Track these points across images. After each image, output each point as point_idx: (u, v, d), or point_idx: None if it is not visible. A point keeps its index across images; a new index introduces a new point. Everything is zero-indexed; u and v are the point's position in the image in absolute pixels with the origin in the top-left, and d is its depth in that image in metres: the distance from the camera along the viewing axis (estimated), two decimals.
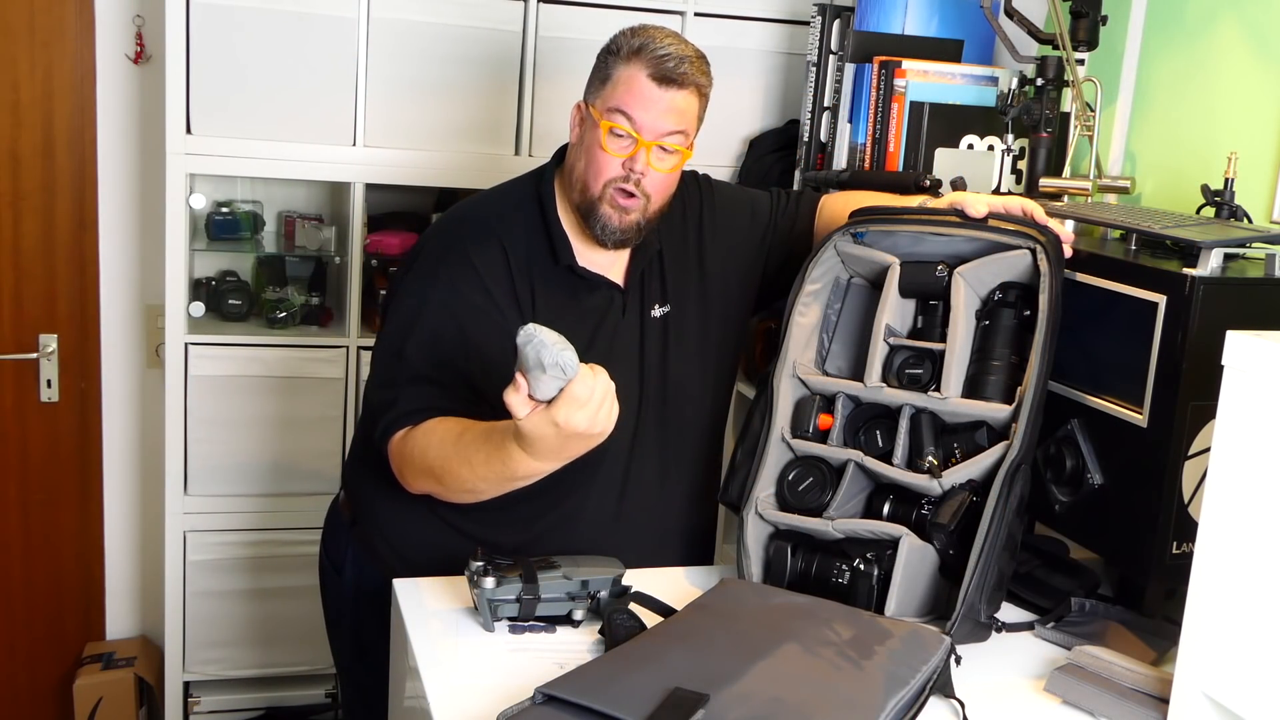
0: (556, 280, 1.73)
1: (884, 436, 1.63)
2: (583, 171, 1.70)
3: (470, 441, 1.54)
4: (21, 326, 2.86)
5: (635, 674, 1.25)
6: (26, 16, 2.73)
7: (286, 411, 2.67)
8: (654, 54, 1.64)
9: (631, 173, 1.66)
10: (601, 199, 1.68)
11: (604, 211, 1.69)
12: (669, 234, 1.80)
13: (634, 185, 1.67)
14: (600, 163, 1.67)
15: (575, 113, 1.74)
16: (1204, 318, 1.44)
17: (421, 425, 1.61)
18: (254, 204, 2.83)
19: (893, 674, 1.30)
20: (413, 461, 1.61)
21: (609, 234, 1.70)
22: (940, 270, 1.63)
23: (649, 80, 1.64)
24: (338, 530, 1.92)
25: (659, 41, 1.65)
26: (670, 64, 1.64)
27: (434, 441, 1.59)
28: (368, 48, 2.53)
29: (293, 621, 2.71)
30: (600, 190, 1.68)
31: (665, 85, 1.64)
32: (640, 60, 1.65)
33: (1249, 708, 1.19)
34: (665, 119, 1.65)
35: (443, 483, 1.60)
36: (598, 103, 1.68)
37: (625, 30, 1.70)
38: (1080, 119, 2.00)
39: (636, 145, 1.65)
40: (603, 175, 1.67)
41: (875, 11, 2.42)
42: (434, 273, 1.70)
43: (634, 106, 1.64)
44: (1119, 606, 1.65)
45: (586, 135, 1.70)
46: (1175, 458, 1.47)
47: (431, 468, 1.59)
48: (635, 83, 1.64)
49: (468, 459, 1.54)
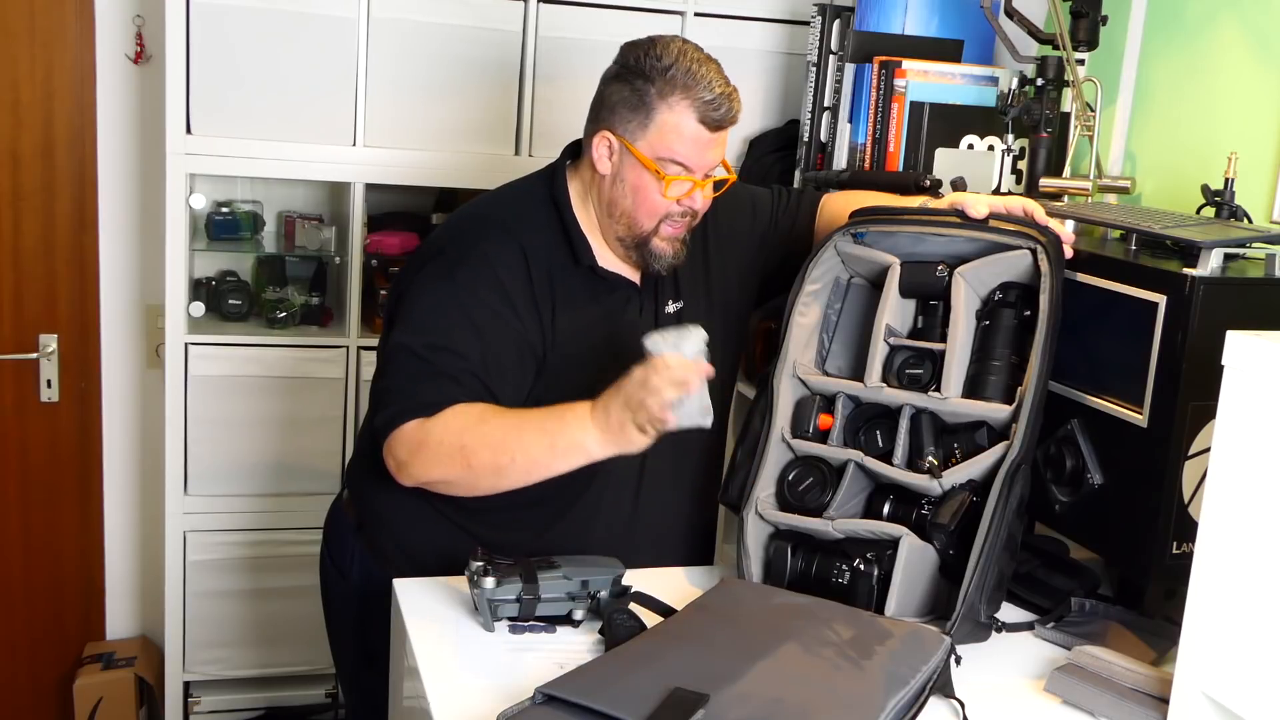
0: (576, 281, 1.73)
1: (884, 436, 1.63)
2: (630, 209, 1.69)
3: (523, 413, 1.59)
4: (21, 326, 2.86)
5: (635, 674, 1.25)
6: (26, 16, 2.73)
7: (286, 411, 2.67)
8: (701, 98, 1.63)
9: (690, 209, 1.69)
10: (655, 233, 1.70)
11: (657, 245, 1.71)
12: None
13: (689, 216, 1.70)
14: (655, 204, 1.68)
15: (603, 143, 1.69)
16: (1204, 318, 1.44)
17: (443, 412, 1.59)
18: (254, 204, 2.83)
19: (893, 674, 1.30)
20: (435, 444, 1.58)
21: (662, 263, 1.73)
22: (940, 270, 1.63)
23: (701, 127, 1.64)
24: (342, 533, 1.90)
25: (700, 79, 1.63)
26: (721, 110, 1.64)
27: (469, 420, 1.58)
28: (368, 48, 2.53)
29: (293, 621, 2.71)
30: (655, 226, 1.70)
31: (716, 129, 1.66)
32: (688, 104, 1.63)
33: (1249, 708, 1.19)
34: (715, 156, 1.69)
35: (470, 461, 1.57)
36: (642, 145, 1.65)
37: (648, 50, 1.65)
38: (1080, 119, 2.00)
39: (693, 186, 1.67)
40: (658, 214, 1.69)
41: (875, 11, 2.42)
42: (451, 274, 1.68)
43: (689, 155, 1.65)
44: (1119, 606, 1.65)
45: (630, 174, 1.68)
46: (1175, 458, 1.47)
47: (464, 446, 1.57)
48: (685, 129, 1.64)
49: (518, 428, 1.57)
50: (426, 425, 1.59)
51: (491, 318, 1.66)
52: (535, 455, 1.57)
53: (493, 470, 1.58)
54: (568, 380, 1.71)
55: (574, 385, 1.71)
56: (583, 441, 1.55)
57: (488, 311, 1.66)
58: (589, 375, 1.71)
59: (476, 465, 1.58)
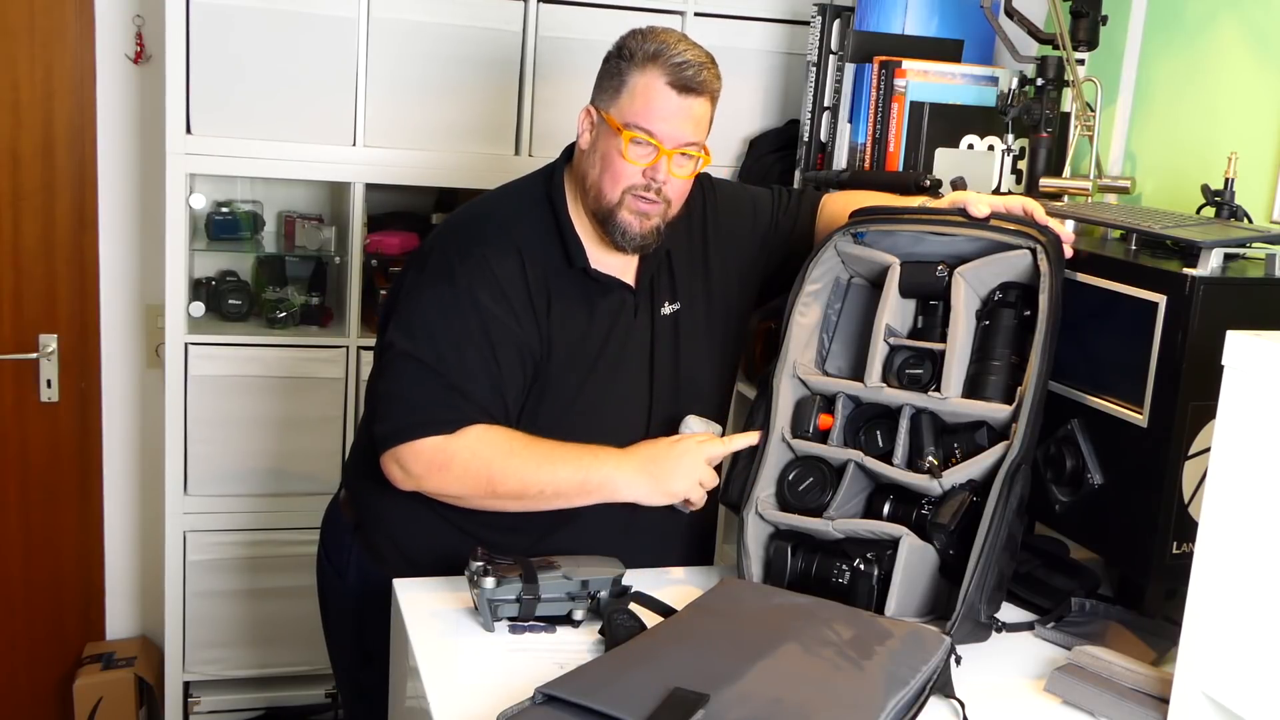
0: (571, 283, 1.73)
1: (884, 436, 1.63)
2: (598, 178, 1.68)
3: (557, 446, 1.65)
4: (21, 326, 2.86)
5: (635, 674, 1.25)
6: (26, 16, 2.73)
7: (286, 411, 2.66)
8: (671, 61, 1.63)
9: (653, 181, 1.66)
10: (620, 205, 1.67)
11: (623, 218, 1.68)
12: (675, 233, 1.80)
13: (654, 193, 1.67)
14: (619, 170, 1.66)
15: (585, 117, 1.71)
16: (1204, 318, 1.44)
17: (466, 433, 1.62)
18: (254, 204, 2.82)
19: (893, 674, 1.30)
20: (460, 467, 1.62)
21: (629, 240, 1.70)
22: (940, 270, 1.63)
23: (668, 88, 1.63)
24: (339, 533, 1.90)
25: (675, 48, 1.64)
26: (689, 72, 1.63)
27: (498, 450, 1.62)
28: (368, 48, 2.53)
29: (293, 621, 2.70)
30: (619, 197, 1.67)
31: (685, 94, 1.64)
32: (657, 67, 1.63)
33: (1249, 708, 1.19)
34: (685, 128, 1.65)
35: (496, 489, 1.63)
36: (614, 111, 1.66)
37: (635, 33, 1.68)
38: (1080, 119, 2.00)
39: (658, 154, 1.65)
40: (621, 182, 1.66)
41: (875, 11, 2.42)
42: (451, 276, 1.68)
43: (655, 118, 1.63)
44: (1119, 606, 1.65)
45: (602, 142, 1.68)
46: (1175, 458, 1.47)
47: (491, 475, 1.62)
48: (654, 91, 1.63)
49: (549, 460, 1.62)
50: (450, 448, 1.62)
51: (492, 321, 1.66)
52: (563, 488, 1.64)
53: (516, 496, 1.64)
54: (564, 382, 1.71)
55: (569, 388, 1.71)
56: (614, 480, 1.64)
57: (488, 315, 1.66)
58: (584, 377, 1.72)
59: (501, 492, 1.63)
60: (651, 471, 1.63)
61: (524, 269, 1.69)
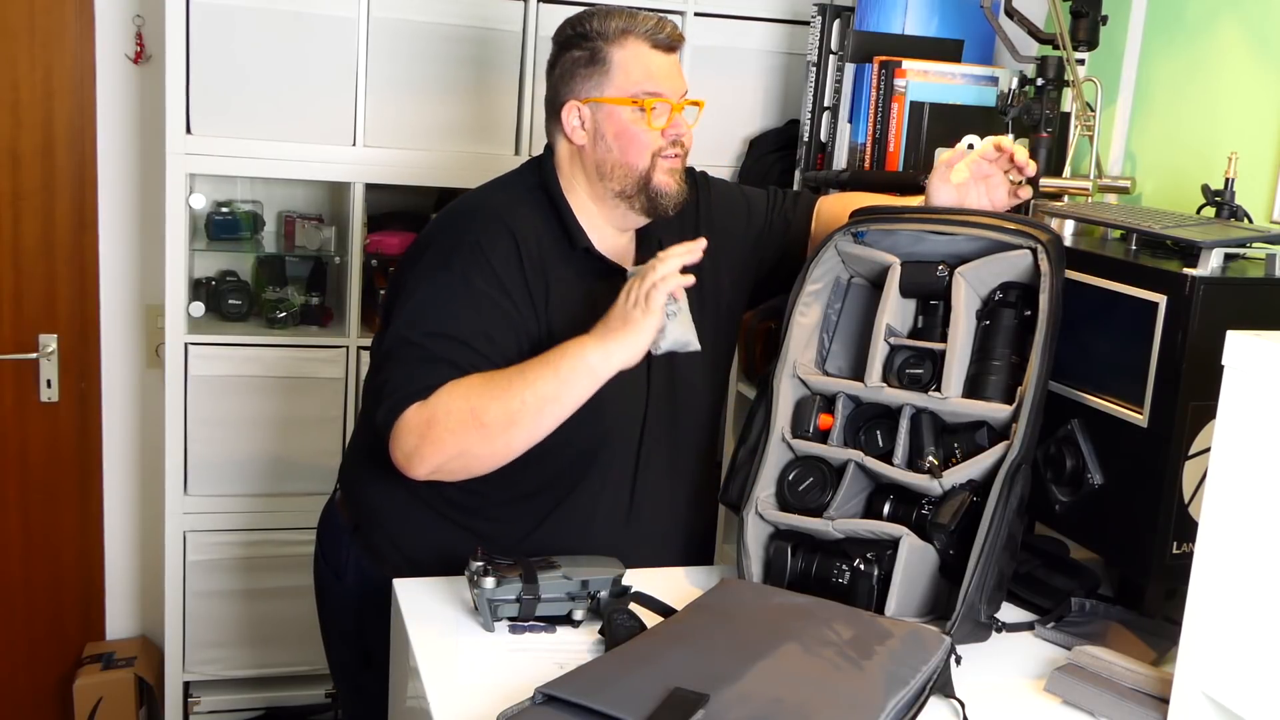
0: (570, 267, 1.73)
1: (884, 436, 1.63)
2: (620, 157, 1.71)
3: (523, 363, 1.60)
4: (21, 326, 2.86)
5: (635, 674, 1.25)
6: (26, 16, 2.73)
7: (286, 411, 2.66)
8: (643, 28, 1.71)
9: (676, 136, 1.72)
10: (654, 169, 1.72)
11: (659, 180, 1.72)
12: (669, 228, 1.80)
13: (678, 147, 1.73)
14: (643, 140, 1.70)
15: (573, 115, 1.72)
16: (1204, 318, 1.44)
17: (438, 390, 1.58)
18: (254, 204, 2.83)
19: (893, 674, 1.30)
20: (443, 416, 1.56)
21: (669, 200, 1.74)
22: (941, 270, 1.63)
23: (654, 51, 1.71)
24: (337, 534, 1.89)
25: (636, 16, 1.72)
26: (665, 31, 1.72)
27: (470, 385, 1.58)
28: (368, 48, 2.53)
29: (292, 621, 2.71)
30: (649, 162, 1.71)
31: (668, 51, 1.73)
32: (635, 37, 1.70)
33: (1249, 708, 1.19)
34: (679, 81, 1.74)
35: (483, 420, 1.56)
36: (610, 91, 1.70)
37: (581, 19, 1.73)
38: (1080, 119, 2.00)
39: (672, 109, 1.71)
40: (648, 148, 1.71)
41: (875, 11, 2.42)
42: (447, 263, 1.68)
43: (656, 79, 1.70)
44: (1119, 606, 1.65)
45: (608, 126, 1.71)
46: (1175, 458, 1.47)
47: (472, 408, 1.56)
48: (644, 56, 1.70)
49: (519, 372, 1.58)
50: (429, 405, 1.57)
51: (488, 304, 1.66)
52: (543, 390, 1.56)
53: (506, 420, 1.56)
54: None
55: None
56: (586, 358, 1.57)
57: (484, 298, 1.66)
58: None
59: (490, 421, 1.56)
60: (609, 335, 1.58)
61: (520, 254, 1.69)
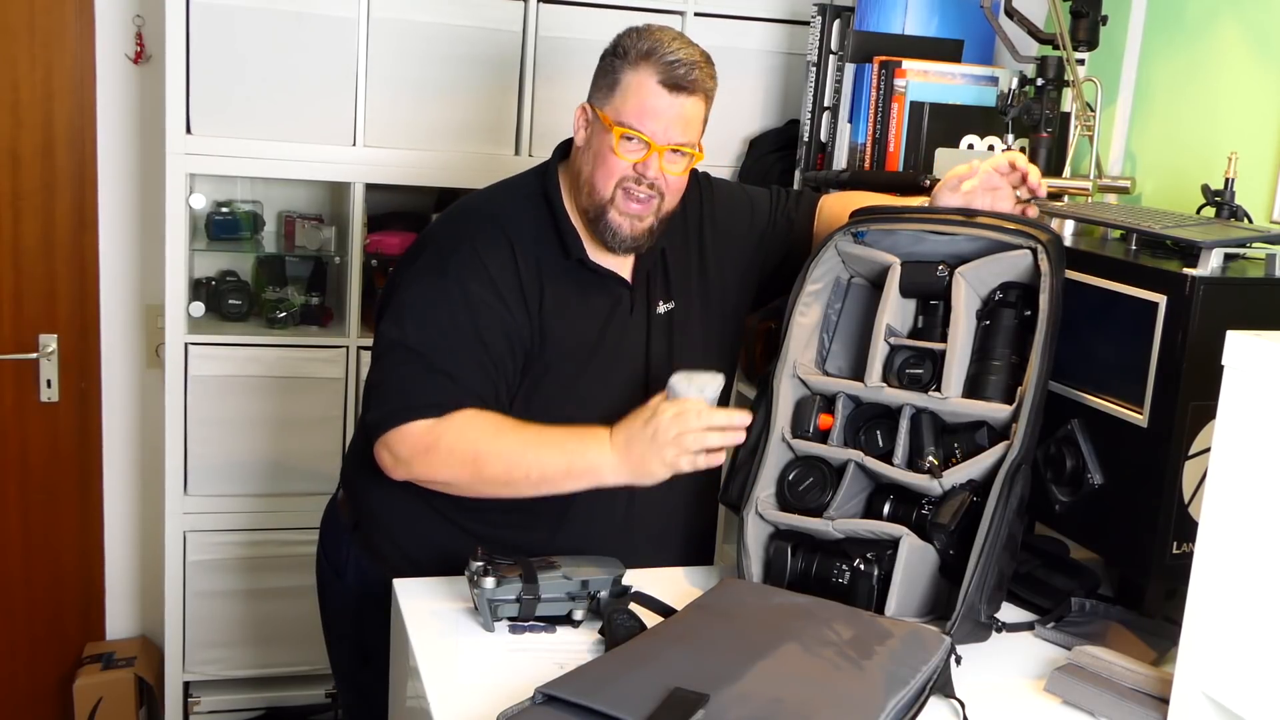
0: (566, 276, 1.73)
1: (884, 436, 1.63)
2: (591, 174, 1.69)
3: (539, 430, 1.62)
4: (21, 326, 2.86)
5: (635, 674, 1.25)
6: (26, 16, 2.73)
7: (286, 411, 2.66)
8: (664, 59, 1.63)
9: (643, 177, 1.66)
10: (612, 203, 1.68)
11: (613, 218, 1.68)
12: (671, 231, 1.80)
13: (646, 187, 1.67)
14: (611, 166, 1.66)
15: (580, 114, 1.72)
16: (1204, 318, 1.44)
17: (453, 416, 1.61)
18: (254, 204, 2.83)
19: (893, 674, 1.30)
20: (446, 449, 1.60)
21: (619, 242, 1.70)
22: (941, 270, 1.63)
23: (659, 87, 1.63)
24: (338, 533, 1.90)
25: (668, 46, 1.64)
26: (681, 70, 1.63)
27: (484, 431, 1.61)
28: (368, 48, 2.53)
29: (292, 621, 2.71)
30: (611, 193, 1.67)
31: (676, 92, 1.64)
32: (650, 65, 1.63)
33: (1249, 708, 1.19)
34: (675, 127, 1.65)
35: (483, 472, 1.61)
36: (607, 108, 1.66)
37: (630, 32, 1.68)
38: (1080, 119, 2.00)
39: (649, 150, 1.65)
40: (614, 177, 1.66)
41: (875, 11, 2.42)
42: (443, 268, 1.68)
43: (645, 116, 1.64)
44: (1119, 606, 1.65)
45: (596, 139, 1.69)
46: (1175, 458, 1.47)
47: (478, 456, 1.60)
48: (645, 90, 1.63)
49: (535, 444, 1.60)
50: (437, 429, 1.61)
51: (482, 308, 1.66)
52: (548, 472, 1.61)
53: (503, 482, 1.62)
54: (556, 375, 1.71)
55: (565, 379, 1.71)
56: (599, 466, 1.59)
57: (479, 304, 1.66)
58: (578, 371, 1.72)
59: (487, 475, 1.61)
60: (630, 456, 1.58)
61: (516, 261, 1.69)
